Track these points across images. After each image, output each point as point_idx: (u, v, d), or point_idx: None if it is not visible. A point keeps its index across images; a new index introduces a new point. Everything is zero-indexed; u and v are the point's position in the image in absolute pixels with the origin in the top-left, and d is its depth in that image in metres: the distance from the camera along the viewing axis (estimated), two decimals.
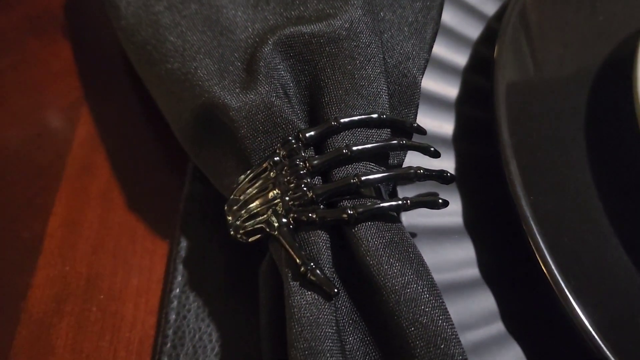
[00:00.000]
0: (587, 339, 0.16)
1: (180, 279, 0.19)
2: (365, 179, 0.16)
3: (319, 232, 0.16)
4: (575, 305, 0.16)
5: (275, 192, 0.17)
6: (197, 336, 0.18)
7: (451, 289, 0.17)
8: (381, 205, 0.16)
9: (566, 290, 0.16)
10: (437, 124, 0.22)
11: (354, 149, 0.17)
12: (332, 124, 0.17)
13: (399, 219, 0.17)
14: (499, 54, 0.21)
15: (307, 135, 0.17)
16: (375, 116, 0.18)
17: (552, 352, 0.17)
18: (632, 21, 0.25)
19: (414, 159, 0.19)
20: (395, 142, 0.17)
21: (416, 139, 0.19)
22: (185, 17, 0.20)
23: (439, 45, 0.23)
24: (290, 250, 0.16)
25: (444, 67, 0.23)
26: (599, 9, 0.25)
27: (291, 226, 0.16)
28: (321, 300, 0.15)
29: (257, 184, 0.17)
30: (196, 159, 0.20)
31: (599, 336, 0.16)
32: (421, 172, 0.17)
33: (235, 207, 0.18)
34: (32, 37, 0.26)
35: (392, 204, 0.16)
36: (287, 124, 0.17)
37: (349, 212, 0.16)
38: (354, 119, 0.17)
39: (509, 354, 0.17)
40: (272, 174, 0.17)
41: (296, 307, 0.15)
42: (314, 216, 0.16)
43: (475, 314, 0.17)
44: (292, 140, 0.17)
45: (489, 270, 0.18)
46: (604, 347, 0.16)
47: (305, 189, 0.16)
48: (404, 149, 0.18)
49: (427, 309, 0.15)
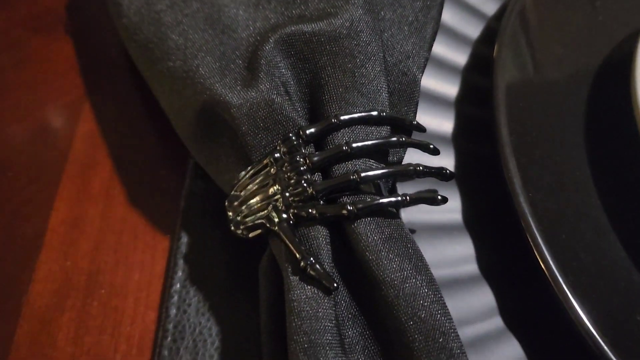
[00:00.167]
0: (585, 335, 0.16)
1: (180, 274, 0.19)
2: (364, 175, 0.16)
3: (319, 227, 0.16)
4: (573, 301, 0.16)
5: (275, 188, 0.17)
6: (197, 330, 0.18)
7: (450, 285, 0.18)
8: (380, 201, 0.16)
9: (564, 286, 0.16)
10: (437, 122, 0.22)
11: (354, 145, 0.17)
12: (332, 121, 0.17)
13: (398, 215, 0.17)
14: (499, 53, 0.21)
15: (308, 132, 0.17)
16: (375, 114, 0.18)
17: (550, 348, 0.17)
18: (632, 21, 0.25)
19: (413, 157, 0.19)
20: (394, 139, 0.17)
21: (416, 136, 0.19)
22: (187, 16, 0.20)
23: (439, 44, 0.23)
24: (290, 245, 0.16)
25: (444, 66, 0.23)
26: (598, 8, 0.25)
27: (291, 222, 0.16)
28: (321, 294, 0.15)
29: (257, 180, 0.17)
30: (197, 155, 0.20)
31: (597, 332, 0.16)
32: (420, 169, 0.17)
33: (235, 203, 0.18)
34: (35, 34, 0.27)
35: (392, 200, 0.16)
36: (288, 121, 0.18)
37: (349, 208, 0.16)
38: (353, 116, 0.17)
39: (507, 349, 0.17)
40: (272, 170, 0.17)
41: (296, 301, 0.15)
42: (314, 212, 0.16)
43: (473, 309, 0.17)
44: (292, 137, 0.17)
45: (487, 266, 0.19)
46: (602, 342, 0.16)
47: (305, 185, 0.17)
48: (404, 146, 0.18)
49: (425, 304, 0.15)
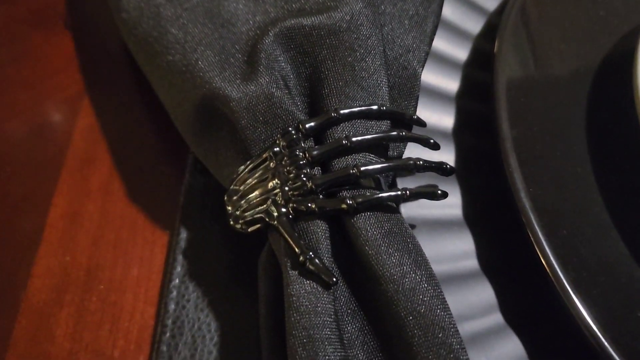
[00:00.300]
0: (586, 331, 0.16)
1: (179, 269, 0.19)
2: (364, 169, 0.16)
3: (318, 221, 0.16)
4: (574, 297, 0.16)
5: (274, 182, 0.17)
6: (196, 326, 0.18)
7: (450, 280, 0.17)
8: (380, 195, 0.16)
9: (565, 282, 0.16)
10: (437, 117, 0.22)
11: (354, 139, 0.17)
12: (332, 115, 0.17)
13: (398, 210, 0.17)
14: (499, 48, 0.21)
15: (307, 126, 0.17)
16: (375, 108, 0.18)
17: (550, 344, 0.17)
18: (634, 16, 0.25)
19: (414, 152, 0.19)
20: (394, 133, 0.17)
21: (416, 131, 0.19)
22: (186, 10, 0.20)
23: (440, 39, 0.23)
24: (289, 239, 0.16)
25: (445, 61, 0.23)
26: (599, 3, 0.25)
27: (290, 216, 0.16)
28: (320, 289, 0.15)
29: (256, 174, 0.17)
30: (196, 150, 0.20)
31: (597, 328, 0.16)
32: (420, 163, 0.17)
33: (235, 197, 0.18)
34: (34, 30, 0.27)
35: (391, 194, 0.16)
36: (287, 114, 0.18)
37: (348, 202, 0.16)
38: (353, 110, 0.17)
39: (507, 345, 0.17)
40: (271, 164, 0.17)
41: (295, 296, 0.15)
42: (313, 206, 0.16)
43: (473, 305, 0.17)
44: (292, 131, 0.17)
45: (488, 262, 0.18)
46: (602, 338, 0.16)
47: (304, 179, 0.16)
48: (403, 141, 0.18)
49: (425, 299, 0.15)
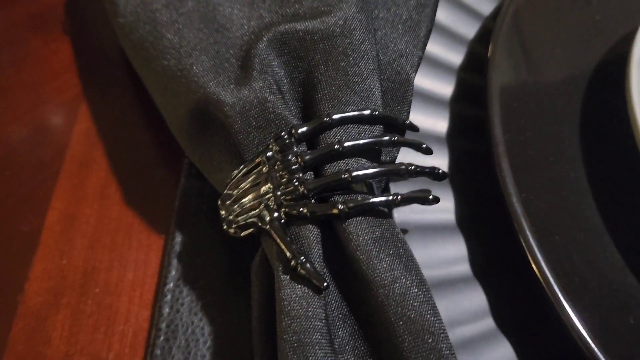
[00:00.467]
0: (576, 337, 0.16)
1: (174, 273, 0.19)
2: (356, 174, 0.16)
3: (310, 226, 0.16)
4: (564, 303, 0.16)
5: (267, 186, 0.17)
6: (189, 329, 0.18)
7: (442, 285, 0.18)
8: (372, 200, 0.16)
9: (556, 288, 0.16)
10: (431, 121, 0.22)
11: (346, 144, 0.17)
12: (325, 120, 0.17)
13: (390, 215, 0.17)
14: (493, 52, 0.21)
15: (300, 131, 0.17)
16: (367, 113, 0.18)
17: (541, 349, 0.17)
18: (629, 20, 0.25)
19: (409, 157, 0.19)
20: (386, 138, 0.17)
21: (410, 136, 0.19)
22: (182, 15, 0.20)
23: (435, 43, 0.23)
24: (281, 244, 0.16)
25: (440, 66, 0.23)
26: (595, 8, 0.25)
27: (282, 220, 0.16)
28: (311, 293, 0.15)
29: (250, 179, 0.17)
30: (191, 154, 0.20)
31: (588, 334, 0.16)
32: (412, 168, 0.17)
33: (228, 202, 0.18)
34: (33, 34, 0.27)
35: (383, 199, 0.16)
36: (280, 119, 0.18)
37: (340, 207, 0.16)
38: (346, 115, 0.17)
39: (498, 350, 0.17)
40: (264, 168, 0.17)
41: (286, 300, 0.15)
42: (305, 211, 0.16)
43: (465, 310, 0.17)
44: (285, 135, 0.17)
45: (480, 267, 0.19)
46: (592, 345, 0.16)
47: (296, 184, 0.17)
48: (396, 145, 0.18)
49: (415, 304, 0.15)
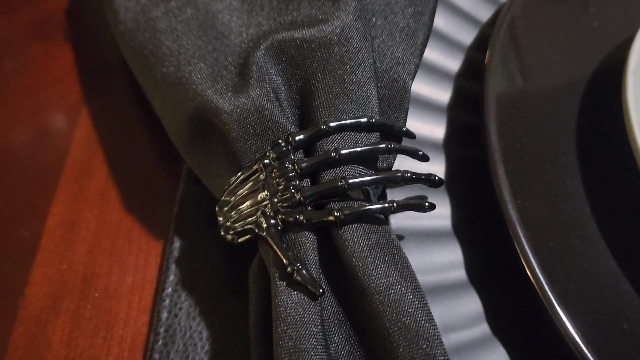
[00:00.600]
0: (570, 344, 0.16)
1: (172, 278, 0.20)
2: (352, 181, 0.17)
3: (306, 233, 0.16)
4: (558, 309, 0.16)
5: (264, 193, 0.17)
6: (187, 334, 0.18)
7: (438, 291, 0.18)
8: (367, 207, 0.16)
9: (550, 294, 0.16)
10: (428, 128, 0.22)
11: (342, 152, 0.17)
12: (322, 127, 0.18)
13: (386, 222, 0.17)
14: (490, 59, 0.21)
15: (297, 138, 0.18)
16: (364, 120, 0.18)
17: (535, 355, 0.17)
18: (627, 27, 0.25)
19: (405, 164, 0.19)
20: (383, 146, 0.18)
21: (408, 142, 0.19)
22: (181, 22, 0.20)
23: (433, 50, 0.24)
24: (277, 250, 0.16)
25: (437, 72, 0.23)
26: (593, 14, 0.25)
27: (279, 227, 0.17)
28: (307, 300, 0.15)
29: (247, 186, 0.18)
30: (190, 161, 0.20)
31: (581, 340, 0.16)
32: (408, 175, 0.17)
33: (226, 208, 0.18)
34: (34, 40, 0.27)
35: (379, 206, 0.16)
36: (278, 127, 0.18)
37: (336, 214, 0.16)
38: (343, 122, 0.18)
39: (492, 356, 0.17)
40: (262, 176, 0.17)
41: (282, 306, 0.15)
42: (301, 218, 0.16)
43: (460, 315, 0.18)
44: (282, 143, 0.18)
45: (475, 273, 0.19)
46: (586, 351, 0.16)
47: (293, 191, 0.17)
48: (392, 153, 0.18)
49: (410, 310, 0.15)
